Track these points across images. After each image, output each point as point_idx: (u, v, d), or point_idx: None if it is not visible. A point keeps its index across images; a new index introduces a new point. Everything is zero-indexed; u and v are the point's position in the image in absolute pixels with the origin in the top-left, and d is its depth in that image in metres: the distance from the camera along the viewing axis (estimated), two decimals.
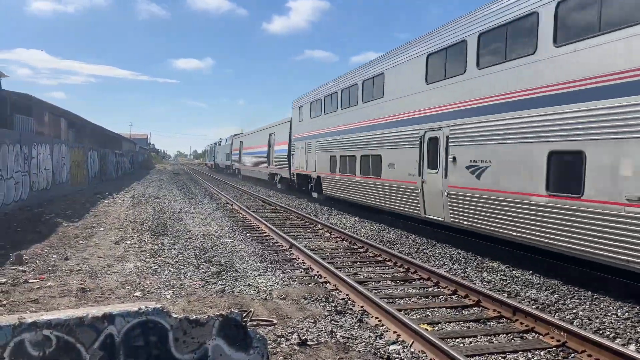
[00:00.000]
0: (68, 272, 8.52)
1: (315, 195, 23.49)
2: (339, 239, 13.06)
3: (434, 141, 12.36)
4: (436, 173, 12.21)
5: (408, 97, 13.76)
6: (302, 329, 5.99)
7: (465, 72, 11.10)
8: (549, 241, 8.79)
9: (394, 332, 6.03)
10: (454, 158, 11.42)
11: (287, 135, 27.56)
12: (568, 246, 8.40)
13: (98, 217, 15.94)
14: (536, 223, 9.04)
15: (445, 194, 11.76)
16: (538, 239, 9.05)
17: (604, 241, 7.68)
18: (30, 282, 7.77)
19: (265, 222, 15.02)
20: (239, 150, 46.74)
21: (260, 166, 36.13)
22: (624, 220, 7.34)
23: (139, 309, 3.49)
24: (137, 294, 7.33)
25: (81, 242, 11.51)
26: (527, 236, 9.33)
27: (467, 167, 10.97)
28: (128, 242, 11.59)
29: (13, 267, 8.70)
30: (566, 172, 8.53)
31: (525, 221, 9.31)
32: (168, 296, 7.27)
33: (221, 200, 24.13)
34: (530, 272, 9.53)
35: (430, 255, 11.09)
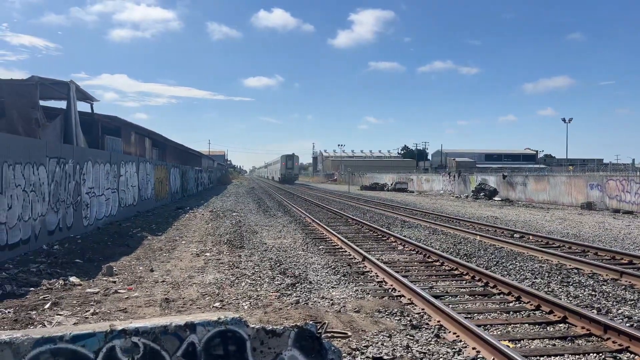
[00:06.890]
0: (153, 283, 9.01)
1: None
2: (413, 252, 12.83)
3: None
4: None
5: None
6: (377, 343, 5.93)
7: None
8: None
9: (473, 349, 5.81)
10: None
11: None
12: None
13: (180, 231, 16.75)
14: None
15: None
16: None
17: None
18: (119, 293, 8.29)
19: (338, 235, 15.08)
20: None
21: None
22: None
23: (219, 318, 3.61)
24: (217, 304, 7.60)
25: (165, 254, 12.13)
26: None
27: None
28: (208, 254, 12.07)
29: (105, 278, 9.32)
30: None
31: None
32: (245, 307, 7.47)
33: (294, 213, 24.53)
34: (622, 287, 8.86)
35: (511, 269, 10.62)
